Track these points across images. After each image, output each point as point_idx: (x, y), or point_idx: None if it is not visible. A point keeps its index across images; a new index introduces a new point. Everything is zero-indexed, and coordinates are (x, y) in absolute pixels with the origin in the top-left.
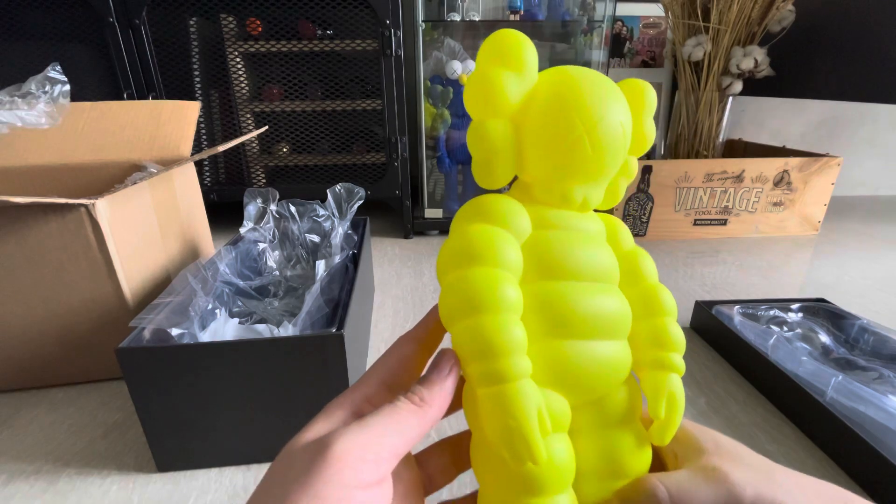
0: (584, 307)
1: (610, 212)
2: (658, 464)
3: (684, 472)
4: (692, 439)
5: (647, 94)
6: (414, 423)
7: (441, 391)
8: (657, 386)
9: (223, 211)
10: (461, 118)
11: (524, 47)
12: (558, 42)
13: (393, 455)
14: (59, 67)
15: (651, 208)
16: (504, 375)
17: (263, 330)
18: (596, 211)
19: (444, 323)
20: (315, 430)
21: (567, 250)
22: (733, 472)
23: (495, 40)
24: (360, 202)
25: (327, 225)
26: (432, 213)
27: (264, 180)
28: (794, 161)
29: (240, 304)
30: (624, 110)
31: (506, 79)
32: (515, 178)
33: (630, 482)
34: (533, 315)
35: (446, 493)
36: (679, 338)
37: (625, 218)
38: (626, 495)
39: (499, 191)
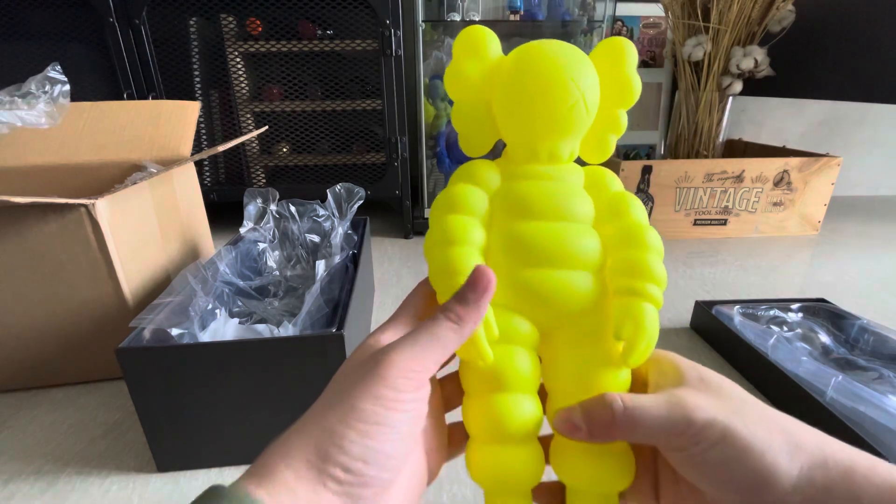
0: (544, 240)
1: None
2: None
3: (649, 395)
4: (676, 372)
5: (624, 48)
6: (452, 338)
7: (476, 309)
8: (624, 310)
9: (223, 211)
10: None
11: (484, 38)
12: None
13: (434, 365)
14: (59, 67)
15: (651, 208)
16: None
17: (263, 330)
18: (584, 164)
19: (425, 252)
20: (372, 339)
21: (532, 195)
22: (692, 398)
23: (461, 36)
24: (360, 202)
25: (327, 225)
26: None
27: (264, 180)
28: (794, 161)
29: (240, 304)
30: (579, 69)
31: (468, 65)
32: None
33: (595, 396)
34: (501, 250)
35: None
36: (658, 271)
37: None
38: (586, 404)
39: (493, 157)
